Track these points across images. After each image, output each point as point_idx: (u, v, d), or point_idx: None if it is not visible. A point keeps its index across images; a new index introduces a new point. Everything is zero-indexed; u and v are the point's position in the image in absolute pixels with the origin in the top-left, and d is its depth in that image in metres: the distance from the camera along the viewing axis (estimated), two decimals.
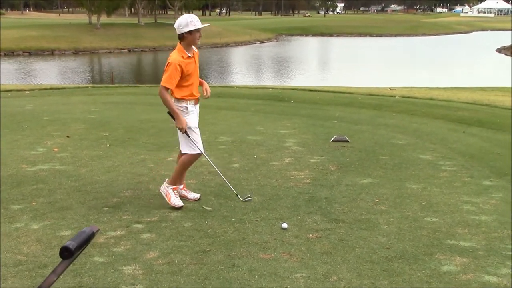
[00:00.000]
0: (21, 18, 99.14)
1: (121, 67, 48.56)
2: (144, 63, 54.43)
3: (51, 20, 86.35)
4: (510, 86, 23.81)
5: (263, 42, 73.68)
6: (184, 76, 5.39)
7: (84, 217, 5.29)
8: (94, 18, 69.34)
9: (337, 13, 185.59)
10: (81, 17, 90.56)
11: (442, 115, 11.43)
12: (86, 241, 1.73)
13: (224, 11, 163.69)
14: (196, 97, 5.60)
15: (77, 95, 15.17)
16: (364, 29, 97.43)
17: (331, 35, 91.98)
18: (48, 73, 41.55)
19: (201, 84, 5.72)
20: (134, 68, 49.33)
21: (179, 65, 5.30)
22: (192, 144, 5.54)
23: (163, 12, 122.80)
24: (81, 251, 1.74)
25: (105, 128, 9.62)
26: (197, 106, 5.68)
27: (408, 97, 14.99)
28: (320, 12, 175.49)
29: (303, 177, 6.66)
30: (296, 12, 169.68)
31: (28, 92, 16.17)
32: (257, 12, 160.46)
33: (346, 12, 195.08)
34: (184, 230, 4.99)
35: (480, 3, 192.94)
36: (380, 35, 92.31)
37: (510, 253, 4.48)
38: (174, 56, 5.35)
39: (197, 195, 5.86)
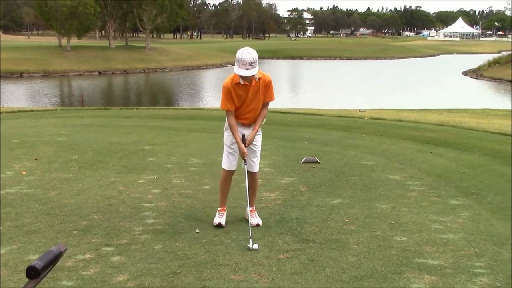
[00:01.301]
0: None
1: (91, 89, 48.23)
2: (115, 86, 54.16)
3: (20, 43, 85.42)
4: (475, 108, 24.38)
5: (234, 65, 74.02)
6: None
7: (52, 241, 5.21)
8: (64, 41, 68.88)
9: (307, 36, 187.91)
10: (51, 40, 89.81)
11: (410, 136, 11.61)
12: (53, 260, 1.72)
13: (195, 34, 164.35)
14: (242, 122, 5.67)
15: (46, 118, 15.00)
16: (333, 52, 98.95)
17: (301, 58, 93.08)
18: (16, 95, 41.04)
19: (255, 126, 5.71)
20: (105, 91, 49.04)
21: (227, 88, 5.50)
22: (224, 159, 5.81)
23: (134, 35, 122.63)
24: (49, 271, 1.72)
25: (74, 151, 9.53)
26: (245, 129, 5.69)
27: (377, 119, 15.21)
28: (291, 36, 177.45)
29: (274, 198, 6.69)
30: (267, 35, 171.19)
31: None
32: (228, 35, 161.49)
33: (316, 35, 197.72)
34: (154, 252, 4.96)
35: (446, 27, 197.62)
36: (350, 58, 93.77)
37: (477, 270, 4.56)
38: (226, 79, 5.57)
39: (255, 222, 5.70)
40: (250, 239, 5.13)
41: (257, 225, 5.67)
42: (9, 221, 5.76)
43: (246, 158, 5.74)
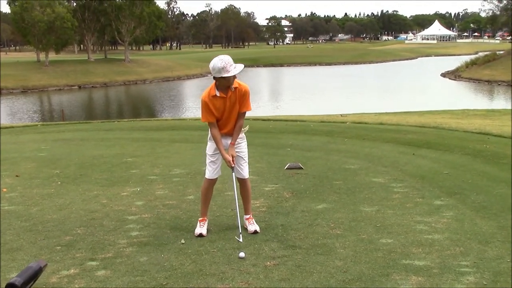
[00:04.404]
0: None
1: (72, 104, 47.90)
2: (95, 99, 53.83)
3: None
4: (455, 108, 24.63)
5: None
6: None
7: (35, 257, 5.13)
8: (42, 56, 68.35)
9: (286, 43, 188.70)
10: (29, 55, 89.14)
11: (392, 139, 11.68)
12: (33, 276, 1.68)
13: (174, 45, 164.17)
14: (224, 133, 5.70)
15: (27, 134, 14.84)
16: (313, 58, 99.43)
17: (281, 65, 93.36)
18: None
19: (232, 140, 5.73)
20: (85, 105, 48.73)
21: (205, 101, 5.54)
22: (206, 168, 5.85)
23: (113, 47, 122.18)
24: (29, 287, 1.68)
25: (56, 166, 9.43)
26: (228, 138, 5.74)
27: (359, 123, 15.29)
28: (270, 43, 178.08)
29: (259, 206, 6.66)
30: (246, 43, 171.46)
31: None
32: (207, 45, 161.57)
33: (295, 42, 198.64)
34: (140, 264, 4.90)
35: (423, 30, 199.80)
36: (330, 64, 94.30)
37: (463, 269, 4.58)
38: (203, 93, 5.59)
39: (253, 228, 5.71)
40: (240, 235, 5.36)
41: (255, 232, 5.66)
42: None
43: (233, 167, 5.74)
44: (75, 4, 75.88)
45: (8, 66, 62.70)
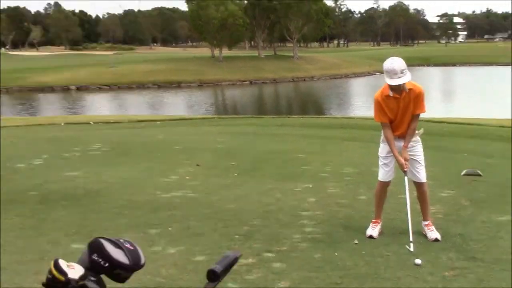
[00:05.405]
0: (150, 53, 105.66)
1: (244, 98, 50.01)
2: (266, 95, 55.63)
3: (176, 54, 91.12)
4: None
5: (383, 73, 72.62)
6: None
7: (216, 244, 5.42)
8: (216, 52, 72.28)
9: (459, 42, 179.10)
10: (205, 51, 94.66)
11: None
12: (230, 265, 1.78)
13: (342, 42, 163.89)
14: (396, 135, 5.61)
15: (205, 126, 15.79)
16: (490, 58, 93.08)
17: (454, 65, 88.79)
18: (175, 104, 43.78)
19: (404, 143, 5.60)
20: (256, 100, 50.59)
21: (378, 101, 5.55)
22: (379, 171, 5.79)
23: (282, 44, 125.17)
24: (226, 275, 1.79)
25: (232, 158, 9.91)
26: (400, 141, 5.61)
27: None
28: (441, 42, 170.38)
29: (435, 212, 6.41)
30: (416, 41, 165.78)
31: (159, 122, 17.09)
32: (375, 43, 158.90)
33: (469, 41, 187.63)
34: (314, 261, 4.97)
35: None
36: (508, 64, 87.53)
37: None
38: (377, 93, 5.62)
39: (434, 236, 5.51)
40: (411, 243, 5.18)
41: (436, 239, 5.46)
42: (177, 223, 6.11)
43: (406, 170, 5.60)
44: (246, 2, 78.91)
45: (186, 61, 67.41)
